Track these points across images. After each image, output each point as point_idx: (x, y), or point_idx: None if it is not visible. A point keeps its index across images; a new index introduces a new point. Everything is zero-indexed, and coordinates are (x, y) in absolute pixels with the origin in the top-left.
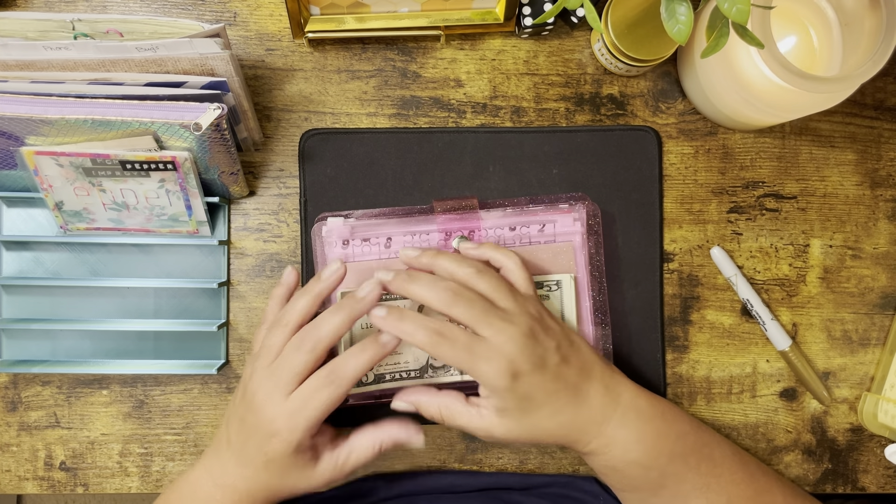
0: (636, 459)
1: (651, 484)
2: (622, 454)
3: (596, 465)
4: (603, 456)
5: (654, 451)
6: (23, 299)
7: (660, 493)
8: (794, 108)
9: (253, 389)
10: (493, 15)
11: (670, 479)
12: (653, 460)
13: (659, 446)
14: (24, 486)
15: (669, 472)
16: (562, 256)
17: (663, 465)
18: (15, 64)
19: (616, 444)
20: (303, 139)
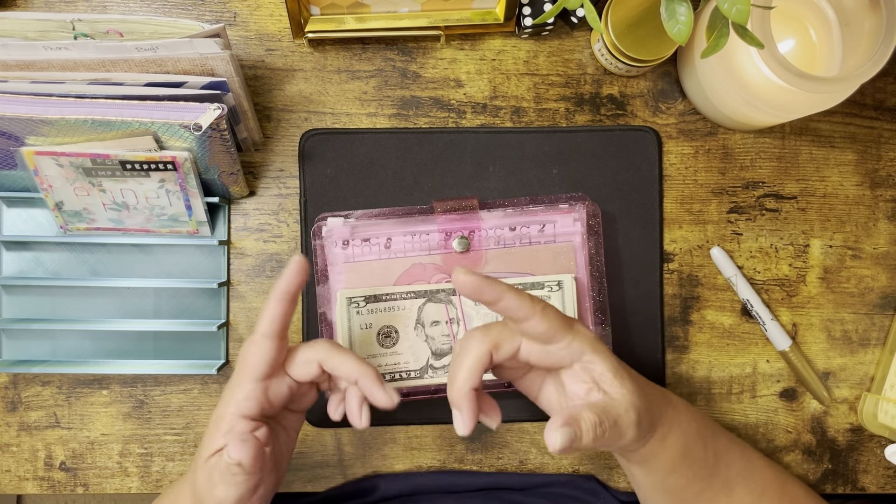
0: (697, 431)
1: (709, 466)
2: (688, 425)
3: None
4: (678, 429)
5: (704, 424)
6: (23, 299)
7: (714, 481)
8: (794, 108)
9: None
10: (493, 15)
11: (722, 461)
12: (706, 434)
13: (706, 422)
14: (24, 486)
15: (721, 452)
16: (562, 257)
17: (713, 442)
18: (15, 64)
19: (681, 413)
20: (303, 139)
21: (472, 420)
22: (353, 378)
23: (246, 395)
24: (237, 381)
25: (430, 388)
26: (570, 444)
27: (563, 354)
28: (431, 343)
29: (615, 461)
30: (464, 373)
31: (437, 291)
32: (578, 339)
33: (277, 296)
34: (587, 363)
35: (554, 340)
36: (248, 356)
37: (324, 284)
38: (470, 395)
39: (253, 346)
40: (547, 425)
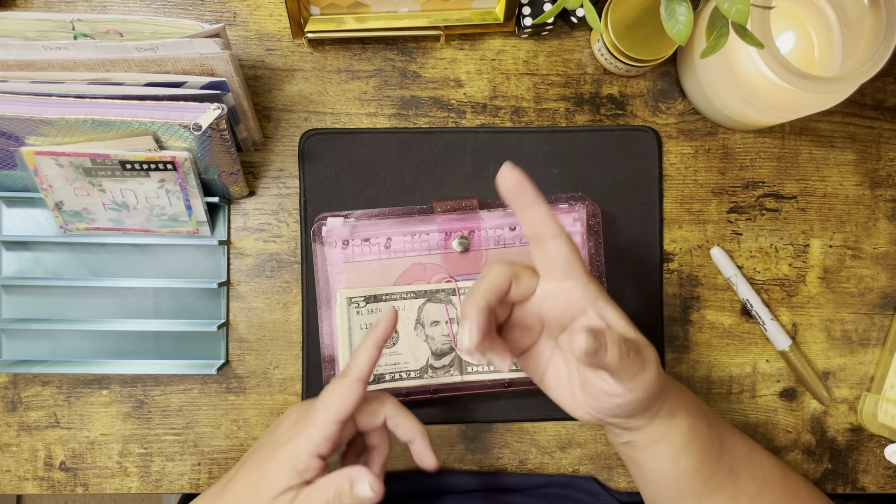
0: (700, 411)
1: (715, 448)
2: (693, 403)
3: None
4: (684, 404)
5: (706, 410)
6: (23, 299)
7: (720, 466)
8: (794, 108)
9: None
10: (493, 15)
11: (726, 443)
12: (710, 417)
13: (705, 408)
14: (24, 486)
15: (724, 435)
16: None
17: (719, 426)
18: (15, 64)
19: (684, 391)
20: (303, 139)
21: (480, 332)
22: (411, 438)
23: (327, 435)
24: (318, 421)
25: (430, 388)
26: (595, 351)
27: (577, 296)
28: (431, 343)
29: (615, 461)
30: (482, 286)
31: (437, 291)
32: (592, 283)
33: (375, 342)
34: (600, 309)
35: (572, 273)
36: (336, 397)
37: (324, 284)
38: (484, 310)
39: (344, 388)
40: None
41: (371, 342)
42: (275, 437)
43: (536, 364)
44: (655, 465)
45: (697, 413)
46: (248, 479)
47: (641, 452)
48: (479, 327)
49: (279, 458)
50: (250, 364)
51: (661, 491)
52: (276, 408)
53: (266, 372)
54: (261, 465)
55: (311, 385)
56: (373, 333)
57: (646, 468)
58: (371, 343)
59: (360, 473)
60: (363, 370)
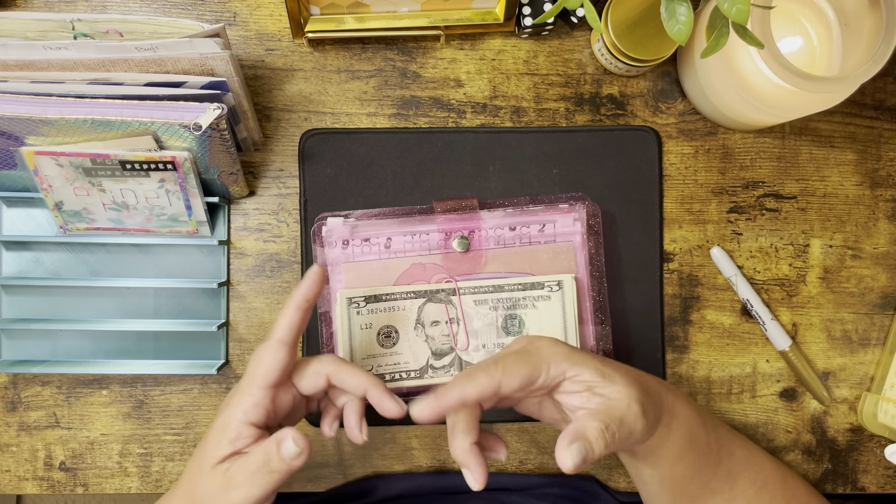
0: (698, 417)
1: (713, 453)
2: (689, 411)
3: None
4: (680, 415)
5: (704, 413)
6: (23, 299)
7: (718, 470)
8: (794, 108)
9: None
10: (493, 15)
11: (724, 449)
12: (708, 422)
13: (704, 414)
14: (24, 486)
15: (722, 439)
16: (562, 256)
17: (716, 430)
18: (15, 64)
19: (680, 399)
20: (303, 139)
21: (483, 475)
22: (363, 390)
23: (255, 401)
24: (246, 388)
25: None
26: (583, 459)
27: (547, 381)
28: (431, 343)
29: (615, 461)
30: (460, 431)
31: (437, 291)
32: (554, 361)
33: (296, 303)
34: (573, 377)
35: (533, 382)
36: (260, 362)
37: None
38: (473, 450)
39: (267, 351)
40: (556, 447)
41: (292, 304)
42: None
43: (528, 410)
44: (653, 471)
45: (695, 420)
46: (195, 455)
47: (640, 460)
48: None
49: (213, 429)
50: None
51: (658, 494)
52: None
53: None
54: (203, 439)
55: None
56: (294, 295)
57: (644, 472)
58: (292, 305)
59: (285, 433)
60: (285, 332)
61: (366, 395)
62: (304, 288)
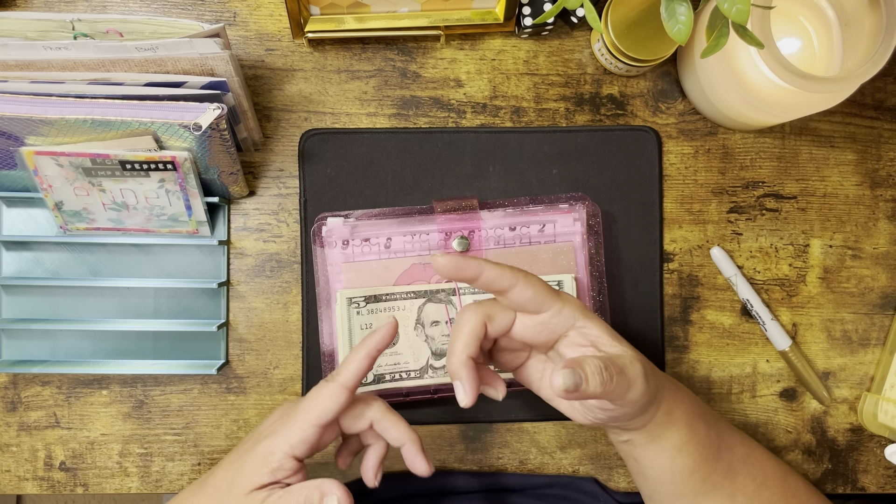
0: (699, 411)
1: (713, 447)
2: (691, 402)
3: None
4: (682, 405)
5: (707, 412)
6: (23, 299)
7: (718, 465)
8: (794, 108)
9: None
10: (493, 15)
11: (724, 443)
12: (709, 415)
13: (705, 408)
14: (24, 486)
15: (723, 434)
16: (562, 256)
17: (717, 424)
18: (15, 64)
19: (682, 389)
20: (303, 139)
21: (473, 390)
22: (401, 443)
23: (304, 438)
24: (297, 423)
25: (430, 388)
26: (576, 386)
27: (557, 322)
28: (431, 343)
29: (615, 461)
30: (460, 342)
31: (437, 291)
32: (568, 305)
33: (367, 351)
34: (581, 328)
35: (543, 307)
36: (319, 401)
37: (324, 284)
38: (468, 363)
39: (328, 392)
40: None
41: (364, 352)
42: (257, 432)
43: (530, 379)
44: (653, 463)
45: (696, 412)
46: (227, 472)
47: (640, 450)
48: (472, 384)
49: (255, 454)
50: (250, 364)
51: (658, 488)
52: (276, 408)
53: (266, 372)
54: (239, 458)
55: (311, 385)
56: (367, 343)
57: (644, 465)
58: (364, 353)
59: (332, 488)
60: (349, 378)
61: (402, 447)
62: (378, 338)
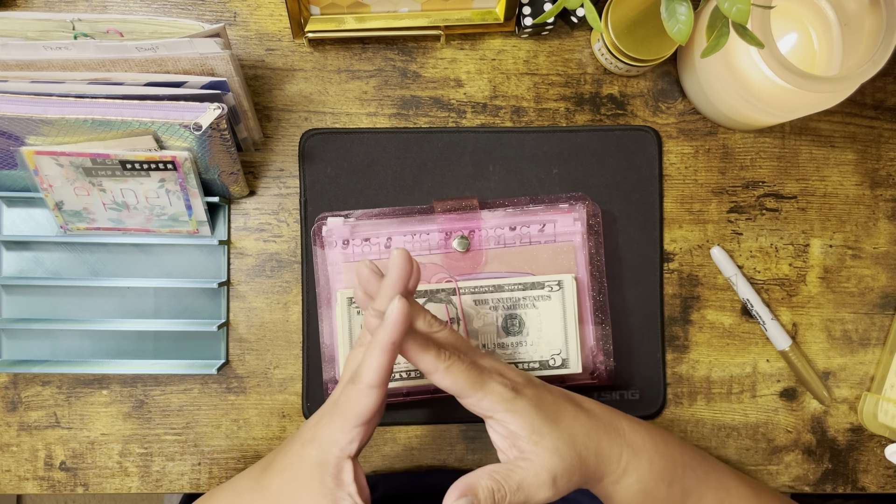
0: (661, 472)
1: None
2: (648, 467)
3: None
4: (634, 473)
5: (670, 461)
6: (23, 299)
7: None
8: (794, 108)
9: None
10: (493, 15)
11: (691, 497)
12: (672, 472)
13: (673, 454)
14: (24, 486)
15: (690, 488)
16: (562, 256)
17: (681, 478)
18: (15, 64)
19: (641, 454)
20: (303, 139)
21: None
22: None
23: (351, 438)
24: (341, 426)
25: (430, 388)
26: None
27: (478, 408)
28: None
29: None
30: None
31: (437, 291)
32: (489, 397)
33: (383, 347)
34: (501, 421)
35: (462, 396)
36: (353, 404)
37: (324, 284)
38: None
39: (357, 395)
40: (447, 494)
41: (377, 348)
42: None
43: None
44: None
45: (654, 476)
46: (284, 482)
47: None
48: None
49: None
50: (250, 364)
51: None
52: (276, 408)
53: (266, 372)
54: (292, 465)
55: (311, 385)
56: (380, 337)
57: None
58: (377, 349)
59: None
60: (374, 377)
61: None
62: (390, 330)
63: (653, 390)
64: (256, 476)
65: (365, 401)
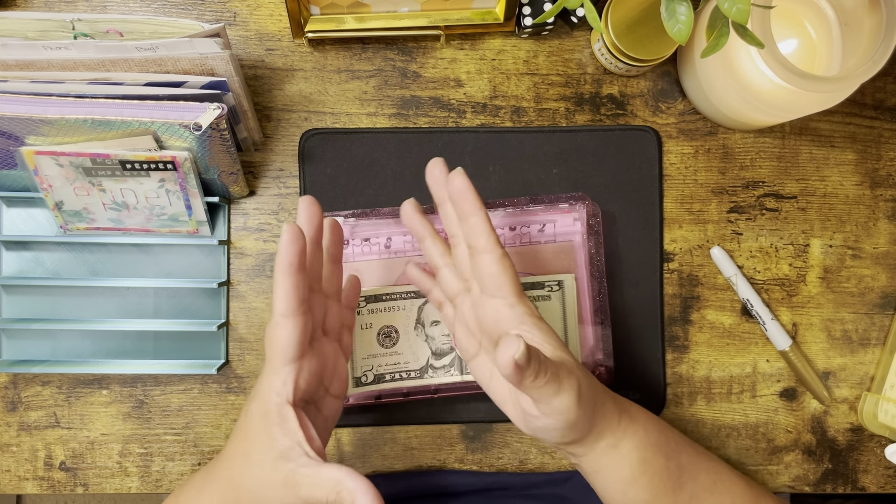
0: (657, 443)
1: (673, 479)
2: (645, 435)
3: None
4: (633, 439)
5: (664, 437)
6: (23, 299)
7: (678, 496)
8: (794, 108)
9: None
10: (493, 15)
11: (686, 473)
12: (670, 448)
13: (665, 432)
14: (24, 486)
15: (685, 465)
16: (562, 256)
17: (676, 453)
18: (15, 64)
19: (639, 423)
20: (303, 139)
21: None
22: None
23: (284, 379)
24: (271, 369)
25: (430, 388)
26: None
27: (504, 315)
28: (431, 343)
29: None
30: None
31: None
32: (522, 303)
33: (282, 269)
34: (525, 331)
35: (499, 293)
36: (273, 340)
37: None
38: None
39: (275, 328)
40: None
41: (278, 273)
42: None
43: (481, 376)
44: (604, 493)
45: (652, 444)
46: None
47: (590, 477)
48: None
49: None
50: (250, 364)
51: None
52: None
53: None
54: (241, 431)
55: None
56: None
57: (598, 491)
58: (279, 272)
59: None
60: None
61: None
62: (283, 251)
63: (653, 390)
64: (210, 465)
65: (283, 332)
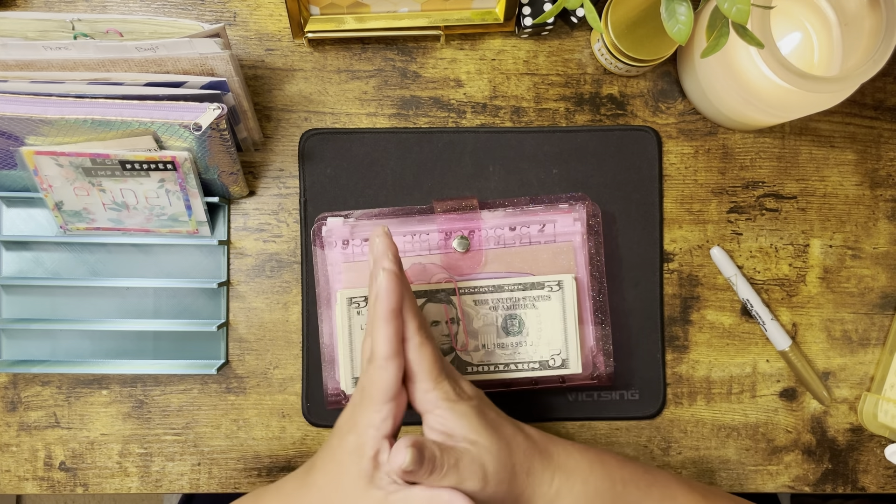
0: (596, 491)
1: None
2: (584, 487)
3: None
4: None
5: (608, 480)
6: (23, 299)
7: None
8: (794, 108)
9: None
10: (493, 15)
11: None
12: (611, 490)
13: (610, 473)
14: (24, 486)
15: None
16: (562, 256)
17: (622, 495)
18: (15, 64)
19: (574, 476)
20: (303, 139)
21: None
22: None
23: (384, 416)
24: (370, 406)
25: None
26: (416, 465)
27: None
28: None
29: None
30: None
31: (437, 291)
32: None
33: (385, 317)
34: (440, 417)
35: (416, 380)
36: (375, 381)
37: (324, 284)
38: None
39: (379, 371)
40: (397, 443)
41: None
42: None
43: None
44: None
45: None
46: (328, 474)
47: None
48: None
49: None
50: (250, 364)
51: None
52: (276, 408)
53: (266, 372)
54: (334, 457)
55: (311, 385)
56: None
57: None
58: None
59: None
60: (387, 348)
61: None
62: (385, 299)
63: (653, 390)
64: (302, 475)
65: (385, 374)
